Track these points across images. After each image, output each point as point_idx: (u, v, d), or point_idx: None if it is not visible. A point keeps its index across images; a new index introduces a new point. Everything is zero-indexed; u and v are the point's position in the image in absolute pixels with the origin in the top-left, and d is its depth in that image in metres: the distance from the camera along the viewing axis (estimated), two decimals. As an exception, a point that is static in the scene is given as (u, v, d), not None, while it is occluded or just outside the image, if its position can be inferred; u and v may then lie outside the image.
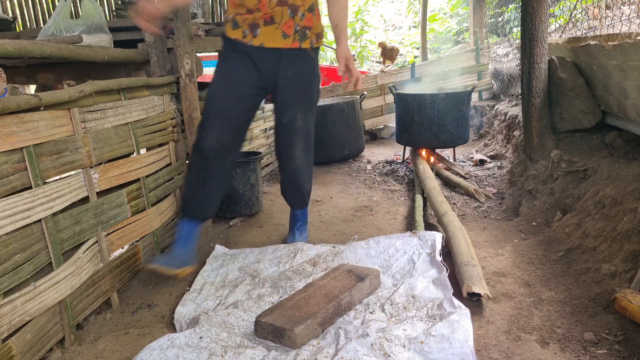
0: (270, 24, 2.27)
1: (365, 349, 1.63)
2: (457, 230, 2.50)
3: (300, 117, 2.42)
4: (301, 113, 2.42)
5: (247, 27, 2.28)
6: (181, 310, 2.09)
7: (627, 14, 2.75)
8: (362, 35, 11.42)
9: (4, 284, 1.56)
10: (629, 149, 2.75)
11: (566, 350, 1.67)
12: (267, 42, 2.29)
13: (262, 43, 2.28)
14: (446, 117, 4.25)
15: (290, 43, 2.31)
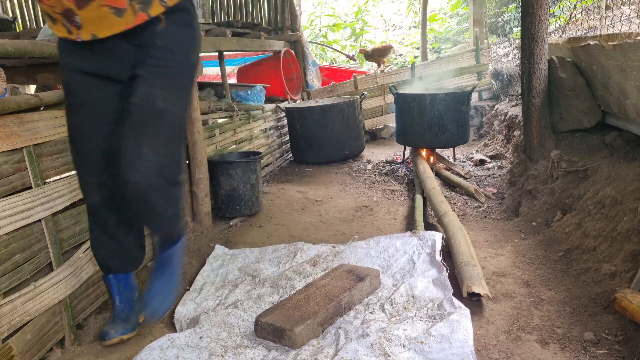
0: (86, 3, 1.49)
1: (365, 349, 1.63)
2: (457, 230, 2.50)
3: (161, 97, 1.62)
4: (163, 91, 1.62)
5: (62, 18, 1.55)
6: (181, 310, 2.09)
7: (627, 14, 2.75)
8: (362, 35, 11.42)
9: (4, 284, 1.56)
10: (629, 149, 2.75)
11: (566, 350, 1.67)
12: (99, 30, 1.54)
13: (93, 35, 1.55)
14: (446, 117, 4.25)
15: (132, 20, 1.54)
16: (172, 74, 1.69)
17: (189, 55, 1.75)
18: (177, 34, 1.68)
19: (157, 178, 1.64)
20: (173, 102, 1.69)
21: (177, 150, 1.82)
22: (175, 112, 1.71)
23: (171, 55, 1.68)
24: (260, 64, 5.55)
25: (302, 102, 5.55)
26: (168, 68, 1.67)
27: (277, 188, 3.96)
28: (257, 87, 4.48)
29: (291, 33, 5.84)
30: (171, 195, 1.74)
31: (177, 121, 1.76)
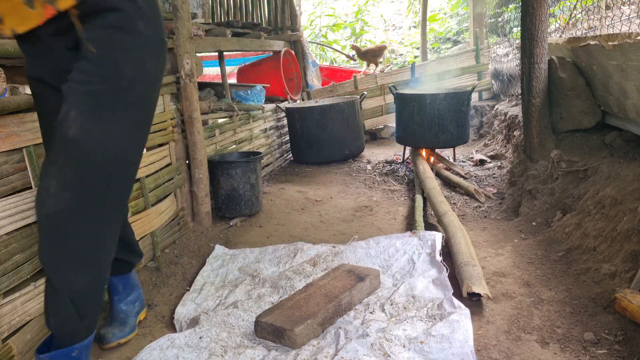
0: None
1: (365, 349, 1.63)
2: (457, 230, 2.50)
3: (74, 122, 1.31)
4: (78, 114, 1.32)
5: None
6: (181, 310, 2.09)
7: (627, 14, 2.75)
8: (362, 35, 11.42)
9: (4, 284, 1.55)
10: (629, 149, 2.75)
11: (566, 350, 1.67)
12: (15, 23, 1.34)
13: (12, 29, 1.35)
14: (446, 117, 4.25)
15: (42, 13, 1.31)
16: (94, 93, 1.32)
17: (122, 69, 1.35)
18: (103, 41, 1.34)
19: (53, 220, 1.32)
20: (90, 130, 1.32)
21: (92, 212, 1.35)
22: (93, 144, 1.32)
23: (95, 68, 1.33)
24: (260, 64, 5.55)
25: (302, 102, 5.55)
26: (88, 85, 1.33)
27: (277, 188, 3.96)
28: (257, 87, 4.48)
29: (291, 33, 5.84)
30: (71, 252, 1.34)
31: (98, 160, 1.33)
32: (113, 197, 1.40)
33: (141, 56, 1.41)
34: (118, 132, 1.37)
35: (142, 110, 1.46)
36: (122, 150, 1.40)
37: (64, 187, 1.31)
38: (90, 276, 1.40)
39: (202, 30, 3.61)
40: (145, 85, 1.43)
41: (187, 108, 2.89)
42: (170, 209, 2.75)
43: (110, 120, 1.35)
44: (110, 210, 1.41)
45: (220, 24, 4.40)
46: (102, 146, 1.34)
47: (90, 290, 1.42)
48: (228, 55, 5.83)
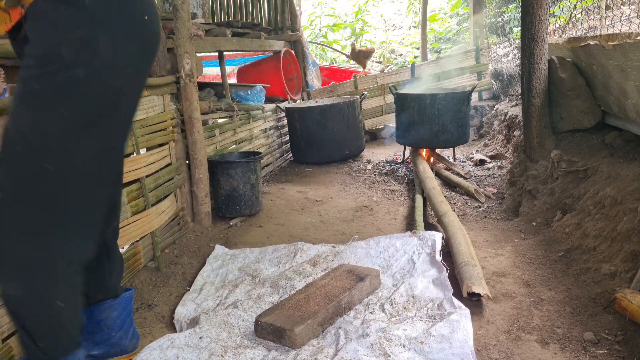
0: None
1: (365, 349, 1.63)
2: (457, 230, 2.50)
3: (11, 110, 1.21)
4: (14, 100, 1.21)
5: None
6: (181, 310, 2.09)
7: (627, 14, 2.75)
8: (362, 35, 11.42)
9: (4, 284, 1.55)
10: (629, 149, 2.75)
11: (566, 350, 1.67)
12: None
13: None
14: (446, 117, 4.25)
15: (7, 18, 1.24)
16: (26, 78, 1.17)
17: (58, 49, 1.14)
18: (39, 16, 1.16)
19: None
20: (18, 121, 1.17)
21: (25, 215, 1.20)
22: (16, 131, 1.17)
23: (31, 49, 1.17)
24: (260, 64, 5.55)
25: (302, 102, 5.55)
26: (24, 69, 1.18)
27: (277, 188, 3.96)
28: (257, 87, 4.48)
29: (291, 33, 5.84)
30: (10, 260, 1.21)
31: (24, 153, 1.17)
32: (57, 200, 1.21)
33: (86, 35, 1.15)
34: (48, 122, 1.16)
35: (92, 101, 1.19)
36: (58, 145, 1.18)
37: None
38: (25, 288, 1.22)
39: (202, 30, 3.61)
40: (97, 72, 1.17)
41: (187, 108, 2.89)
42: (170, 209, 2.75)
43: (38, 108, 1.15)
44: (56, 216, 1.22)
45: (220, 24, 4.41)
46: (25, 136, 1.16)
47: (30, 306, 1.24)
48: (228, 55, 5.82)
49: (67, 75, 1.15)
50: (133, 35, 1.23)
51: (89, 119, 1.20)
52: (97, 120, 1.22)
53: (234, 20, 4.97)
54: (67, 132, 1.18)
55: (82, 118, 1.19)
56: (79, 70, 1.15)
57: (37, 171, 1.18)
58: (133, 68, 1.25)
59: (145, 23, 1.25)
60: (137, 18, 1.23)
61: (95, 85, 1.19)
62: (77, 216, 1.28)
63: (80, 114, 1.19)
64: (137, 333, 1.73)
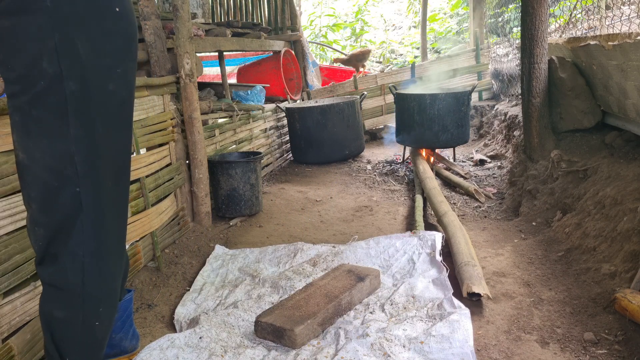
0: None
1: (365, 349, 1.63)
2: (457, 230, 2.50)
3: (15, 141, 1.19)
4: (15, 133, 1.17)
5: None
6: (181, 311, 2.09)
7: (627, 14, 2.75)
8: (362, 35, 11.42)
9: (4, 284, 1.55)
10: (629, 149, 2.75)
11: (566, 350, 1.67)
12: None
13: None
14: (446, 117, 4.25)
15: None
16: (19, 107, 1.09)
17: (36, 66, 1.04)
18: (4, 35, 1.05)
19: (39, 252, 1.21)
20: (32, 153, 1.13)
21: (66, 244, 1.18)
22: (41, 167, 1.13)
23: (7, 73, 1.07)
24: (260, 64, 5.55)
25: (302, 102, 5.55)
26: (11, 98, 1.10)
27: (277, 188, 3.96)
28: (257, 87, 4.48)
29: (291, 33, 5.84)
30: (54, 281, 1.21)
31: (53, 183, 1.13)
32: (93, 220, 1.18)
33: (60, 41, 1.04)
34: (65, 146, 1.10)
35: (94, 110, 1.13)
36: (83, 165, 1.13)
37: (35, 221, 1.18)
38: (70, 309, 1.23)
39: (202, 30, 3.61)
40: (86, 78, 1.09)
41: (187, 108, 2.89)
42: (170, 209, 2.75)
43: (48, 135, 1.09)
44: (94, 237, 1.19)
45: (220, 24, 4.41)
46: (52, 168, 1.11)
47: (71, 327, 1.24)
48: (228, 55, 5.83)
49: (60, 91, 1.06)
50: (109, 31, 1.13)
51: (103, 127, 1.15)
52: (110, 125, 1.18)
53: (234, 20, 4.97)
54: (90, 147, 1.14)
55: (96, 128, 1.14)
56: (69, 83, 1.07)
57: (74, 197, 1.14)
58: (121, 67, 1.18)
59: (118, 15, 1.15)
60: (108, 11, 1.13)
61: (92, 93, 1.11)
62: (117, 233, 1.28)
63: (93, 125, 1.13)
64: (137, 334, 1.73)
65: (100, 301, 1.26)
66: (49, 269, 1.20)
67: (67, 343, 1.25)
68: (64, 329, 1.24)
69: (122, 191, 1.28)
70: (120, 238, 1.32)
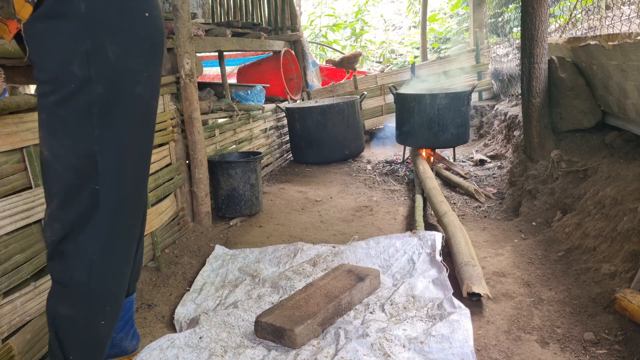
0: None
1: (365, 349, 1.63)
2: (457, 230, 2.50)
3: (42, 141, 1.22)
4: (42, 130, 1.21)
5: None
6: (181, 311, 2.09)
7: (627, 14, 2.75)
8: (362, 35, 11.42)
9: (4, 284, 1.55)
10: (629, 149, 2.75)
11: (566, 350, 1.67)
12: None
13: None
14: (446, 117, 4.25)
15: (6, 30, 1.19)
16: (48, 106, 1.13)
17: (69, 68, 1.09)
18: (39, 37, 1.10)
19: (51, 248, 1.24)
20: (56, 150, 1.16)
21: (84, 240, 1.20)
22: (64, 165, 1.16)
23: (40, 74, 1.12)
24: (260, 64, 5.55)
25: (302, 102, 5.55)
26: (42, 97, 1.14)
27: (277, 188, 3.96)
28: (257, 87, 4.48)
29: (291, 33, 5.84)
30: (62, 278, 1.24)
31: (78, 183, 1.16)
32: (107, 219, 1.21)
33: (92, 45, 1.09)
34: (89, 146, 1.14)
35: (120, 112, 1.16)
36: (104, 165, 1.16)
37: (52, 216, 1.21)
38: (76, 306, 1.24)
39: (202, 30, 3.61)
40: (113, 82, 1.13)
41: (187, 108, 2.89)
42: (170, 209, 2.75)
43: (74, 135, 1.13)
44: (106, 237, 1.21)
45: (220, 24, 4.41)
46: (74, 167, 1.15)
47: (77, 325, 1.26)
48: (228, 55, 5.83)
49: (88, 94, 1.10)
50: (138, 36, 1.17)
51: (127, 129, 1.18)
52: (134, 128, 1.20)
53: (234, 20, 4.97)
54: (113, 149, 1.17)
55: (120, 130, 1.17)
56: (97, 86, 1.11)
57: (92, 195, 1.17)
58: (147, 71, 1.21)
59: (147, 20, 1.19)
60: (138, 16, 1.17)
61: (119, 97, 1.15)
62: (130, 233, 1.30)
63: (117, 128, 1.16)
64: (138, 334, 1.73)
65: (106, 300, 1.27)
66: (58, 265, 1.22)
67: (70, 341, 1.26)
68: (68, 327, 1.25)
69: (140, 191, 1.31)
70: (133, 237, 1.33)
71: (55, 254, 1.23)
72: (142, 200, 1.33)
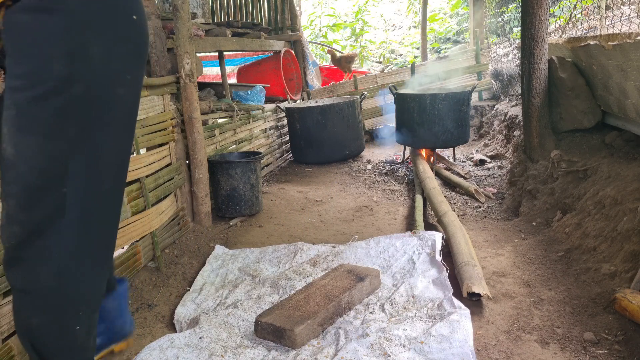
0: None
1: (365, 349, 1.63)
2: (457, 230, 2.50)
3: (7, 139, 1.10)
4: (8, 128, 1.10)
5: None
6: (181, 311, 2.09)
7: (627, 14, 2.75)
8: (362, 35, 11.42)
9: (3, 284, 1.55)
10: (629, 149, 2.75)
11: (566, 350, 1.67)
12: None
13: None
14: (446, 117, 4.25)
15: None
16: (19, 103, 1.05)
17: (49, 65, 1.04)
18: (20, 30, 1.04)
19: (11, 253, 1.14)
20: (22, 150, 1.08)
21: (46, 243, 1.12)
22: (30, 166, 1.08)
23: (16, 68, 1.06)
24: (260, 64, 5.55)
25: (302, 102, 5.55)
26: (13, 92, 1.06)
27: (277, 188, 3.96)
28: (257, 87, 4.48)
29: (291, 33, 5.84)
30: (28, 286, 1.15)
31: (39, 184, 1.09)
32: (76, 222, 1.13)
33: (76, 44, 1.05)
34: (60, 147, 1.08)
35: (97, 114, 1.11)
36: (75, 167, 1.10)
37: (12, 219, 1.12)
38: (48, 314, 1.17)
39: (202, 30, 3.61)
40: (94, 83, 1.09)
41: (187, 108, 2.89)
42: (170, 209, 2.75)
43: (44, 134, 1.06)
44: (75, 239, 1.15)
45: (220, 24, 4.41)
46: (40, 168, 1.07)
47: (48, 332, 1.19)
48: (228, 55, 5.83)
49: (67, 93, 1.05)
50: (124, 38, 1.13)
51: (103, 132, 1.13)
52: (111, 131, 1.15)
53: (234, 20, 4.97)
54: (86, 151, 1.11)
55: (95, 133, 1.12)
56: (78, 86, 1.06)
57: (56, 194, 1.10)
58: (131, 74, 1.17)
59: (134, 23, 1.15)
60: (126, 18, 1.13)
61: (98, 98, 1.10)
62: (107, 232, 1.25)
63: (92, 130, 1.11)
64: (132, 318, 1.67)
65: (79, 305, 1.22)
66: (18, 272, 1.15)
67: (48, 350, 1.22)
68: (43, 336, 1.20)
69: (116, 196, 1.25)
70: (108, 243, 1.28)
71: (12, 260, 1.14)
72: (117, 206, 1.27)
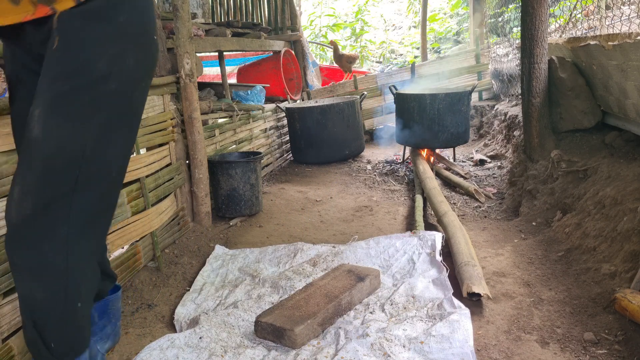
0: None
1: (365, 349, 1.63)
2: (457, 230, 2.50)
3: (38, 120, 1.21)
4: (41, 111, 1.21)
5: None
6: (181, 311, 2.09)
7: (627, 14, 2.75)
8: (362, 35, 11.42)
9: (4, 284, 1.56)
10: (629, 149, 2.75)
11: (566, 350, 1.67)
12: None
13: None
14: (446, 117, 4.25)
15: (31, 11, 1.20)
16: (60, 90, 1.21)
17: (94, 63, 1.23)
18: (74, 32, 1.22)
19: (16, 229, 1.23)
20: (52, 130, 1.20)
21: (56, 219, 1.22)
22: (55, 145, 1.21)
23: (63, 62, 1.22)
24: (260, 64, 5.55)
25: (302, 102, 5.55)
26: (54, 81, 1.21)
27: (277, 188, 3.96)
28: (257, 87, 4.48)
29: (291, 33, 5.84)
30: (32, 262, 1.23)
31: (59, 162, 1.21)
32: (84, 203, 1.26)
33: (119, 50, 1.26)
34: (85, 132, 1.24)
35: (118, 110, 1.30)
36: (91, 152, 1.25)
37: (26, 194, 1.21)
38: (52, 289, 1.26)
39: (202, 30, 3.61)
40: (123, 83, 1.28)
41: (187, 108, 2.89)
42: (170, 209, 2.75)
43: (76, 119, 1.23)
44: (81, 218, 1.26)
45: (220, 24, 4.41)
46: (64, 147, 1.22)
47: (51, 307, 1.26)
48: (228, 55, 5.83)
49: (102, 87, 1.24)
50: (148, 52, 1.36)
51: (117, 124, 1.31)
52: (122, 124, 1.34)
53: (234, 20, 4.97)
54: (100, 137, 1.27)
55: (114, 126, 1.30)
56: (112, 83, 1.26)
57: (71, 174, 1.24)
58: (145, 82, 1.39)
59: (155, 42, 1.40)
60: (150, 37, 1.37)
61: (124, 96, 1.31)
62: (107, 215, 1.39)
63: (111, 120, 1.29)
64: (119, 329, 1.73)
65: (82, 280, 1.31)
66: (26, 248, 1.22)
67: (49, 327, 1.28)
68: (45, 311, 1.27)
69: (118, 185, 1.41)
70: (107, 221, 1.42)
71: (17, 236, 1.23)
72: (116, 195, 1.42)
